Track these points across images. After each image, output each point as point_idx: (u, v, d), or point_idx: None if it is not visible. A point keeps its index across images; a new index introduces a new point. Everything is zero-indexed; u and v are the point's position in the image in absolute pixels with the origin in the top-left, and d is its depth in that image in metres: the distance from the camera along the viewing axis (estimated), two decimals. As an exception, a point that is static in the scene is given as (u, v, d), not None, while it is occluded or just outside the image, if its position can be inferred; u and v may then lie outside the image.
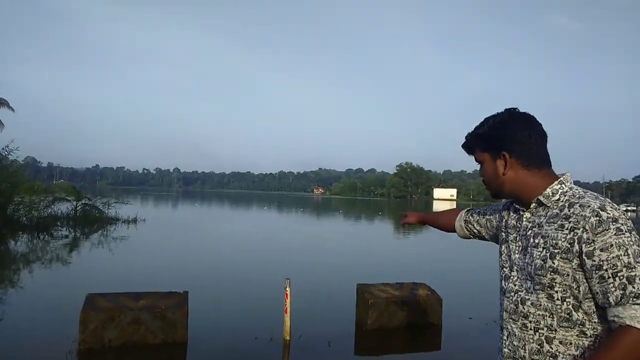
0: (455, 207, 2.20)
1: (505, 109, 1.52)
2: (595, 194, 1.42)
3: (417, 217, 2.12)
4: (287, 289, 5.81)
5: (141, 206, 36.41)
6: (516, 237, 1.52)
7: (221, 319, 6.78)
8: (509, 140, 1.47)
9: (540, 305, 1.39)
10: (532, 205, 1.47)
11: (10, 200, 18.20)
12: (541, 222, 1.43)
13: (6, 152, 19.38)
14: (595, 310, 1.34)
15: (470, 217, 1.87)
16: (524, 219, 1.49)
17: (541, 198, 1.45)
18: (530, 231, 1.46)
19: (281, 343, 5.70)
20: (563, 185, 1.45)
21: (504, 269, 1.55)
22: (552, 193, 1.44)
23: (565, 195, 1.42)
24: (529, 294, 1.42)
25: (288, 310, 5.77)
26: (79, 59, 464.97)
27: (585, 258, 1.30)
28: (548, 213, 1.43)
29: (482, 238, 1.85)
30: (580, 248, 1.31)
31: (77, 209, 21.76)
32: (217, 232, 21.62)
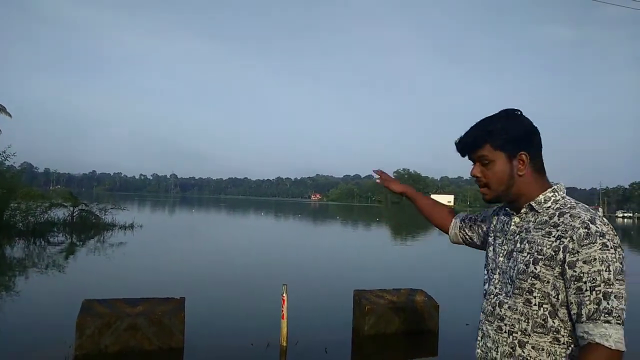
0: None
1: (508, 109, 1.49)
2: (587, 206, 1.41)
3: (402, 188, 1.99)
4: (284, 295, 5.81)
5: (138, 212, 36.33)
6: (503, 240, 1.51)
7: (218, 325, 6.76)
8: (528, 140, 1.45)
9: (517, 309, 1.40)
10: (523, 210, 1.47)
11: (6, 206, 18.17)
12: (529, 228, 1.43)
13: (3, 158, 19.39)
14: (570, 318, 1.33)
15: (464, 223, 1.85)
16: (513, 224, 1.49)
17: (533, 204, 1.44)
18: (517, 236, 1.45)
19: (278, 349, 5.69)
20: (556, 194, 1.45)
21: (488, 272, 1.56)
22: (545, 200, 1.44)
23: (557, 204, 1.42)
24: (508, 298, 1.42)
25: (285, 316, 5.76)
26: (77, 65, 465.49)
27: (567, 267, 1.31)
28: (537, 219, 1.43)
29: (474, 244, 1.84)
30: (564, 257, 1.31)
31: (74, 214, 21.71)
32: (214, 239, 21.59)
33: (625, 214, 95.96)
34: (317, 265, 13.62)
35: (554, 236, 1.35)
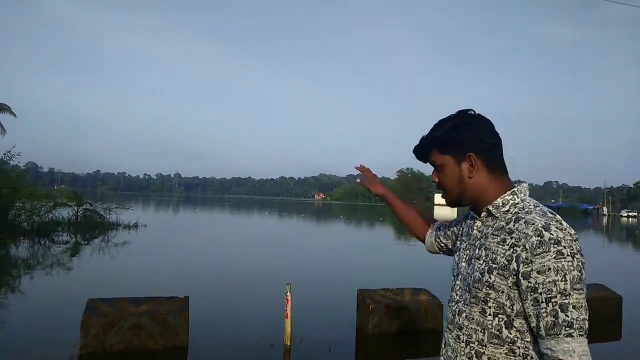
0: (454, 214, 2.09)
1: (461, 110, 1.43)
2: (547, 209, 1.33)
3: (382, 190, 1.86)
4: (288, 294, 5.82)
5: (142, 211, 36.44)
6: (466, 245, 1.45)
7: (222, 324, 6.77)
8: (476, 141, 1.38)
9: (473, 318, 1.33)
10: (482, 214, 1.40)
11: (11, 205, 18.24)
12: (487, 233, 1.36)
13: (8, 158, 19.46)
14: (527, 329, 1.27)
15: (439, 231, 1.77)
16: (475, 228, 1.42)
17: (490, 208, 1.37)
18: (478, 241, 1.38)
19: (282, 348, 5.70)
20: (515, 197, 1.36)
21: (453, 277, 1.49)
22: (503, 204, 1.36)
23: (515, 207, 1.34)
24: (466, 306, 1.36)
25: (289, 315, 5.77)
26: (80, 65, 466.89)
27: (522, 278, 1.23)
28: (495, 224, 1.35)
29: (450, 252, 1.74)
30: (518, 267, 1.24)
31: (78, 214, 21.79)
32: (218, 238, 21.62)
33: (630, 213, 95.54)
34: (320, 264, 13.63)
35: (507, 244, 1.27)
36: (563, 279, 1.19)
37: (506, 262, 1.26)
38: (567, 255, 1.21)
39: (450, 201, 1.48)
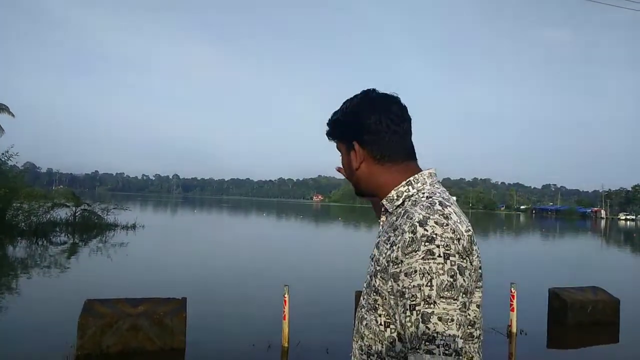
0: None
1: (364, 90, 1.25)
2: (440, 200, 1.09)
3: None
4: (286, 295, 5.81)
5: (140, 212, 36.37)
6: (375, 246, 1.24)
7: (219, 325, 6.76)
8: (359, 128, 1.20)
9: (371, 328, 1.14)
10: (382, 209, 1.23)
11: (9, 205, 18.22)
12: (382, 232, 1.19)
13: (6, 158, 19.44)
14: None
15: None
16: (380, 225, 1.24)
17: (384, 202, 1.19)
18: (375, 242, 1.20)
19: (279, 350, 5.69)
20: (410, 187, 1.16)
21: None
22: (397, 196, 1.17)
23: (409, 200, 1.14)
24: (366, 313, 1.17)
25: (286, 317, 5.77)
26: (80, 65, 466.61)
27: (392, 281, 1.04)
28: (389, 221, 1.17)
29: None
30: (391, 268, 1.05)
31: (76, 215, 21.77)
32: (215, 239, 21.60)
33: (628, 217, 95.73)
34: (318, 266, 13.63)
35: (390, 242, 1.08)
36: (429, 284, 0.98)
37: (386, 264, 1.07)
38: (439, 255, 0.99)
39: (356, 192, 1.31)
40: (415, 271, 0.99)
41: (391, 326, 1.08)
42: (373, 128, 1.18)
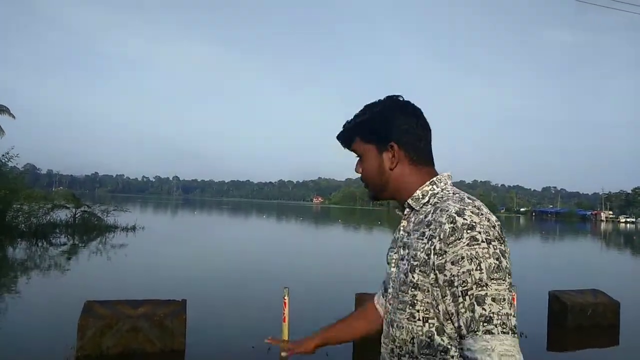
0: None
1: (390, 96, 1.32)
2: (467, 195, 1.20)
3: (314, 343, 1.75)
4: (286, 297, 5.80)
5: (140, 214, 36.36)
6: (394, 248, 1.31)
7: (219, 327, 6.76)
8: (398, 129, 1.26)
9: (403, 327, 1.17)
10: (406, 210, 1.28)
11: (9, 207, 18.22)
12: (410, 230, 1.23)
13: (6, 159, 19.44)
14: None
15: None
16: (401, 229, 1.29)
17: (410, 201, 1.25)
18: (401, 242, 1.26)
19: (279, 353, 5.67)
20: (434, 186, 1.24)
21: (385, 288, 1.36)
22: (422, 195, 1.24)
23: (434, 197, 1.22)
24: (396, 315, 1.21)
25: (286, 319, 5.75)
26: (80, 66, 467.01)
27: (438, 272, 1.09)
28: (415, 219, 1.23)
29: None
30: (434, 260, 1.10)
31: (76, 216, 21.77)
32: (216, 241, 21.59)
33: (628, 219, 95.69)
34: (318, 268, 13.61)
35: (426, 237, 1.13)
36: (478, 268, 1.04)
37: (426, 257, 1.12)
38: (482, 241, 1.06)
39: (372, 195, 1.36)
40: (463, 257, 1.05)
41: (430, 320, 1.12)
42: (411, 131, 1.27)
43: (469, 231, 1.07)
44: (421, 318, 1.14)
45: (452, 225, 1.08)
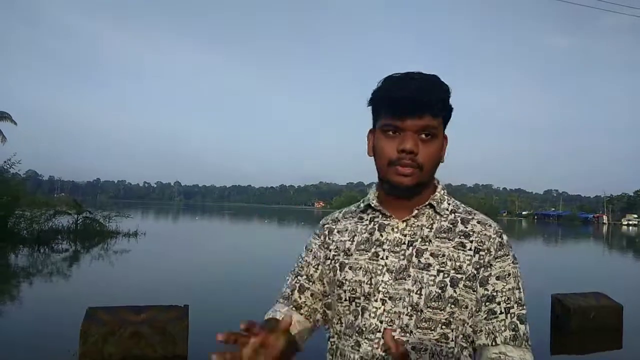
0: None
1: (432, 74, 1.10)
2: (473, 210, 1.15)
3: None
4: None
5: (142, 220, 36.39)
6: (382, 255, 1.08)
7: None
8: (450, 117, 1.09)
9: (427, 349, 1.00)
10: (415, 211, 1.08)
11: (11, 213, 18.25)
12: (428, 236, 1.06)
13: (8, 166, 19.51)
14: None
15: (298, 297, 1.31)
16: (395, 230, 1.08)
17: (434, 203, 1.09)
18: (409, 247, 1.06)
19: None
20: (445, 191, 1.14)
21: (356, 300, 1.09)
22: (441, 199, 1.11)
23: (449, 205, 1.11)
24: (408, 334, 1.01)
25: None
26: (81, 73, 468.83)
27: (478, 285, 1.02)
28: (434, 225, 1.08)
29: (317, 310, 1.34)
30: (482, 274, 1.03)
31: (78, 222, 21.78)
32: (218, 246, 21.58)
33: (630, 222, 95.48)
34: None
35: (470, 249, 1.04)
36: (518, 287, 1.04)
37: (475, 271, 1.02)
38: (518, 262, 1.07)
39: (414, 183, 1.04)
40: (509, 274, 1.04)
41: (459, 342, 1.03)
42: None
43: (511, 249, 1.07)
44: (453, 338, 1.02)
45: (500, 239, 1.06)
